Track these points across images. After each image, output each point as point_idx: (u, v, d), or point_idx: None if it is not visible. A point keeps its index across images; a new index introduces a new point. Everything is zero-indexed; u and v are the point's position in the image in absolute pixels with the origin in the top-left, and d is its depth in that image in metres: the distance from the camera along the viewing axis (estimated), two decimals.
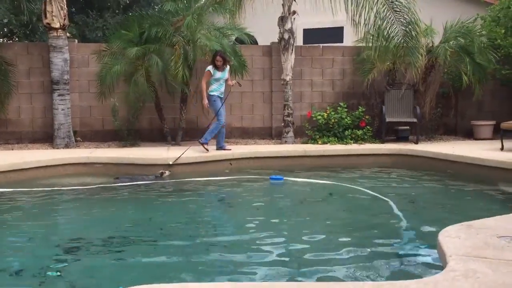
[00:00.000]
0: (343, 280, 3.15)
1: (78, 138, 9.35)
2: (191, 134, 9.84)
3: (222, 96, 8.33)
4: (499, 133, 8.19)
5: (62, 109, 8.97)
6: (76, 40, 9.89)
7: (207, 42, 8.37)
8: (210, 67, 8.17)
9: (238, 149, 8.56)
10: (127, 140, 9.11)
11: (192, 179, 6.89)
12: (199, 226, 4.67)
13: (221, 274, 3.39)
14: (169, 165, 7.34)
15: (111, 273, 3.44)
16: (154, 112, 9.40)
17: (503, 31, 9.60)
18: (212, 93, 8.20)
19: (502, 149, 7.85)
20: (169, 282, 2.44)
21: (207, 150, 8.00)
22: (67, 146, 8.92)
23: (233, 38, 9.84)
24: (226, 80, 8.37)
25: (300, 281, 3.18)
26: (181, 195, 6.09)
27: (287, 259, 3.70)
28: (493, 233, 3.17)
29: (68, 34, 9.33)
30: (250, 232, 4.43)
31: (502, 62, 9.78)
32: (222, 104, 8.27)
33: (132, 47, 8.57)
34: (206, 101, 8.17)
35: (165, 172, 7.15)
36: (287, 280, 3.23)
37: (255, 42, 12.48)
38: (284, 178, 6.87)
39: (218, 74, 8.18)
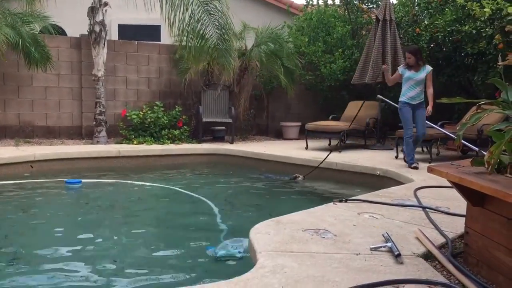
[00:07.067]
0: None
1: None
2: None
3: (411, 102, 6.43)
4: (304, 134, 8.85)
5: None
6: None
7: None
8: (401, 66, 6.76)
9: (40, 150, 7.62)
10: None
11: None
12: None
13: None
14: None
15: None
16: None
17: (306, 39, 10.46)
18: (400, 99, 6.57)
19: (306, 148, 8.50)
20: None
21: (417, 167, 6.21)
22: None
23: (37, 27, 8.77)
24: (425, 84, 6.51)
25: None
26: None
27: (98, 270, 3.28)
28: (299, 227, 3.27)
29: None
30: (53, 244, 3.86)
31: (306, 68, 10.64)
32: (412, 112, 6.45)
33: None
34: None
35: (298, 176, 6.84)
36: None
37: (64, 33, 11.41)
38: (82, 181, 6.31)
39: (407, 73, 6.49)
